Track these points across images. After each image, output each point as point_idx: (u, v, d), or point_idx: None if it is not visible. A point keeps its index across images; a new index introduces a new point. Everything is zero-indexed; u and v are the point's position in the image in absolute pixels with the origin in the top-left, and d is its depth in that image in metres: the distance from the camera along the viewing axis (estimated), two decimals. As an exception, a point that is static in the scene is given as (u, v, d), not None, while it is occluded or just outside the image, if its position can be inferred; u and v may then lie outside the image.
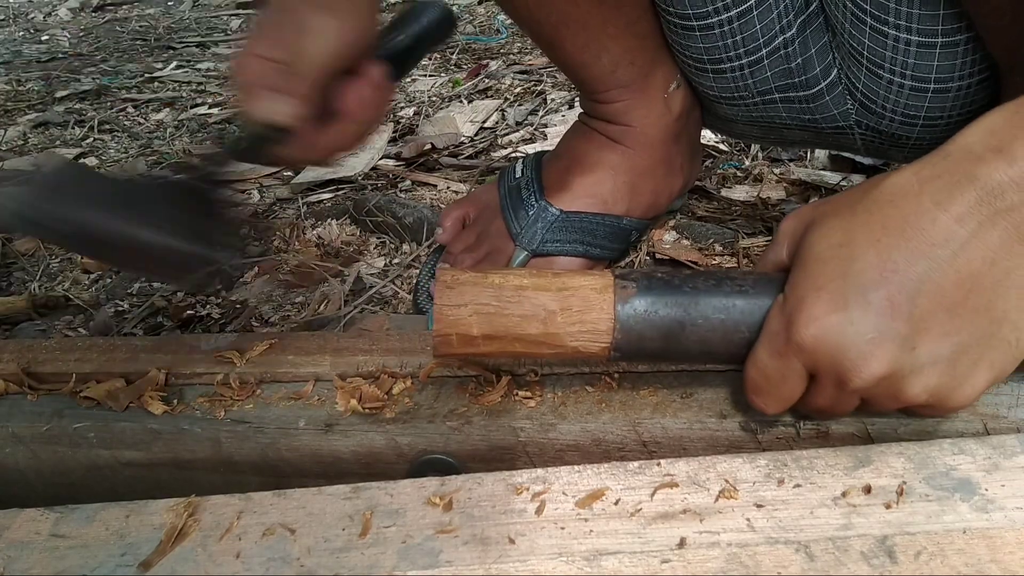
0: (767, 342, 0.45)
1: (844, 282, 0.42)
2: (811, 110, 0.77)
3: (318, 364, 0.59)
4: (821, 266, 0.43)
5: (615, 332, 0.47)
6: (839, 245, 0.43)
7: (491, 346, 0.47)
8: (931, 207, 0.42)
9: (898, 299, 0.41)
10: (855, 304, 0.42)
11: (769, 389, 0.46)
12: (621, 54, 0.77)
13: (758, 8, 0.71)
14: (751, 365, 0.47)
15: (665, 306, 0.47)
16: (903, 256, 0.42)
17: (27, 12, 2.79)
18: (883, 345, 0.42)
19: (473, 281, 0.47)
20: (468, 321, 0.47)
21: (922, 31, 0.64)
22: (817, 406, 0.47)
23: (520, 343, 0.47)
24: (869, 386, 0.43)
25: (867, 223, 0.43)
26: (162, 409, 0.56)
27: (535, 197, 0.84)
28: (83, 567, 0.41)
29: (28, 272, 1.03)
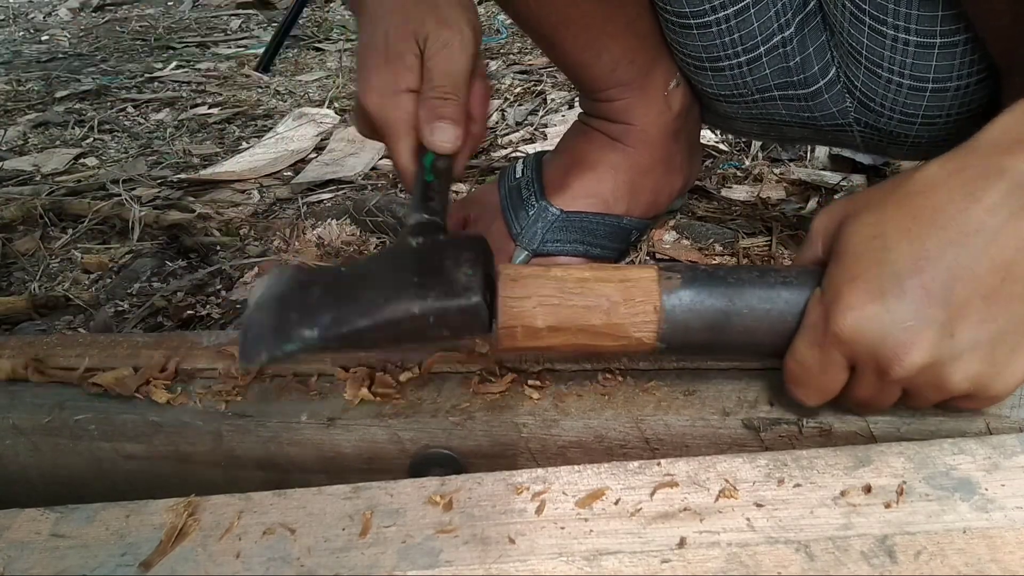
0: (806, 334, 0.46)
1: (879, 272, 0.43)
2: (810, 108, 0.77)
3: (320, 359, 0.59)
4: (855, 258, 0.44)
5: (661, 323, 0.47)
6: (872, 237, 0.44)
7: (555, 338, 0.48)
8: (961, 198, 0.42)
9: (933, 287, 0.42)
10: (891, 293, 0.42)
11: (808, 380, 0.47)
12: (621, 53, 0.77)
13: (755, 7, 0.71)
14: (790, 357, 0.47)
15: (710, 296, 0.47)
16: (936, 245, 0.42)
17: (27, 12, 2.79)
18: (921, 332, 0.42)
19: (536, 275, 0.48)
20: (533, 313, 0.47)
21: (920, 31, 0.64)
22: (859, 398, 0.47)
23: (584, 334, 0.48)
24: (910, 375, 0.43)
25: (898, 215, 0.44)
26: (166, 397, 0.56)
27: (535, 197, 0.84)
28: (83, 567, 0.41)
29: (28, 272, 1.03)
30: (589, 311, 0.47)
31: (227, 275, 0.99)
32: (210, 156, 1.43)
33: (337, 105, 1.65)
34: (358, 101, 0.57)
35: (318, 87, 1.81)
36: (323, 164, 1.32)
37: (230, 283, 0.97)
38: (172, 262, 1.04)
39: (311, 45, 2.18)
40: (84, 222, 1.13)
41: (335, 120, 1.54)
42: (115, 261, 1.04)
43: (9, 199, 1.22)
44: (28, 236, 1.12)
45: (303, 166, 1.33)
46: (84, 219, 1.14)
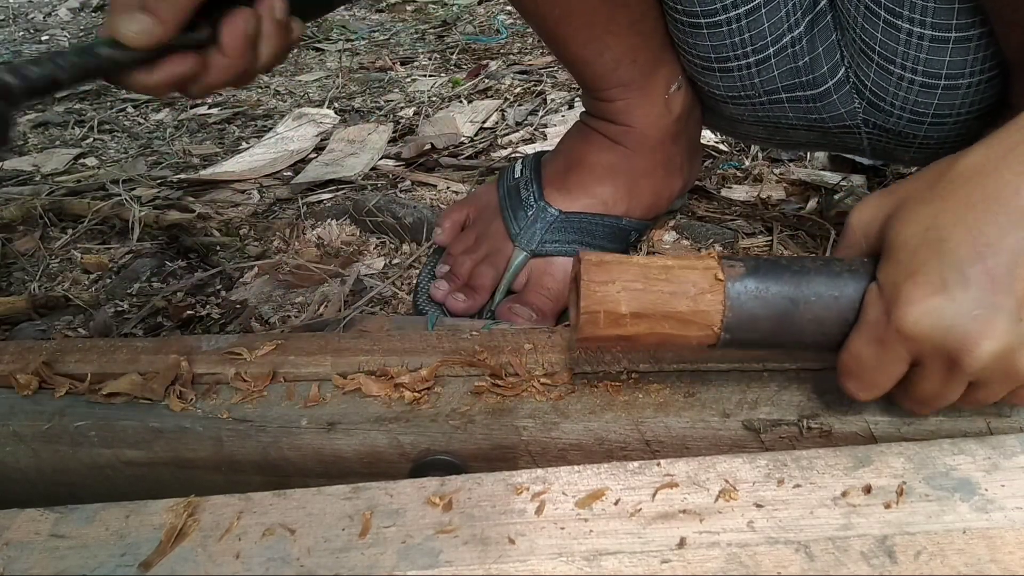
0: (865, 330, 0.45)
1: (939, 263, 0.42)
2: (818, 109, 0.77)
3: (319, 364, 0.59)
4: (911, 252, 0.43)
5: (725, 313, 0.45)
6: (926, 229, 0.43)
7: (639, 326, 0.46)
8: (1012, 179, 0.42)
9: (997, 272, 0.41)
10: (954, 283, 0.41)
11: (865, 376, 0.46)
12: (624, 52, 0.77)
13: (767, 6, 0.71)
14: (846, 352, 0.46)
15: (776, 283, 0.45)
16: (994, 230, 0.41)
17: (27, 12, 2.79)
18: (991, 321, 0.41)
19: (619, 260, 0.46)
20: (616, 298, 0.45)
21: (936, 24, 0.64)
22: (923, 394, 0.46)
23: (668, 322, 0.46)
24: (980, 366, 0.42)
25: (949, 204, 0.43)
26: (181, 406, 0.56)
27: (534, 197, 0.84)
28: (83, 567, 0.41)
29: (28, 272, 1.03)
30: (675, 297, 0.45)
31: (227, 275, 0.99)
32: (210, 156, 1.43)
33: (337, 105, 1.65)
34: None
35: (318, 87, 1.81)
36: (323, 164, 1.32)
37: (230, 283, 0.97)
38: (172, 262, 1.04)
39: (311, 45, 2.18)
40: (84, 222, 1.13)
41: (335, 120, 1.54)
42: (115, 261, 1.04)
43: (9, 199, 1.22)
44: (28, 236, 1.12)
45: (303, 166, 1.33)
46: (84, 219, 1.14)
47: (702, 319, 0.46)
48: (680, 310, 0.45)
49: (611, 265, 0.46)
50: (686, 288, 0.45)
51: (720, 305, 0.45)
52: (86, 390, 0.58)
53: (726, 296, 0.45)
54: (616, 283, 0.45)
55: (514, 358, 0.57)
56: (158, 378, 0.58)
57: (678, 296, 0.45)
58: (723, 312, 0.45)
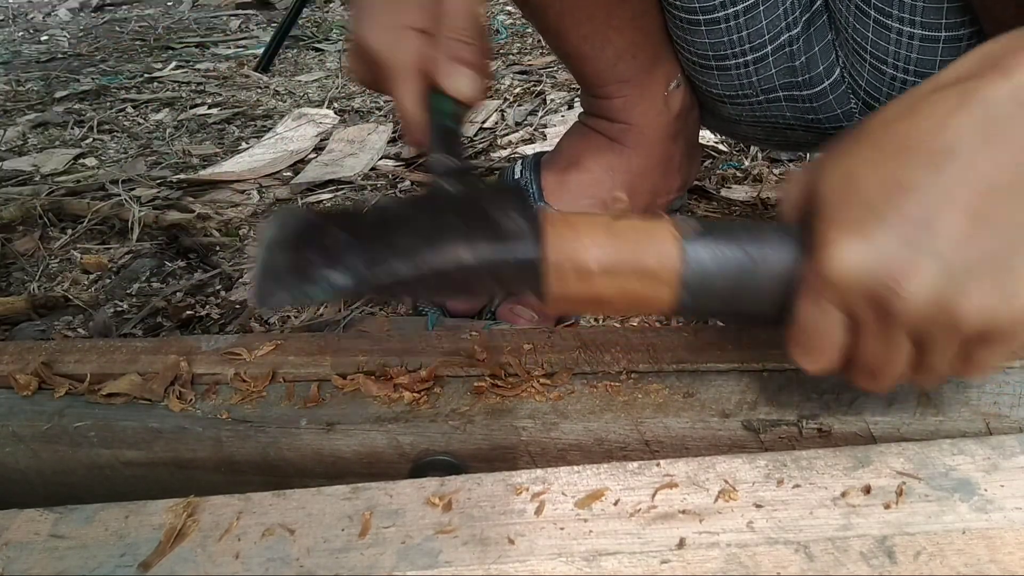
0: (800, 290, 0.43)
1: (855, 207, 0.41)
2: (814, 109, 0.77)
3: (319, 365, 0.59)
4: (829, 202, 0.42)
5: (684, 273, 0.43)
6: (840, 177, 0.42)
7: (609, 283, 0.43)
8: (926, 122, 0.41)
9: (913, 212, 0.39)
10: (871, 225, 0.40)
11: (808, 342, 0.44)
12: (624, 47, 0.77)
13: (764, 4, 0.71)
14: (792, 322, 0.44)
15: (730, 241, 0.44)
16: (908, 170, 0.40)
17: (26, 12, 2.79)
18: (913, 258, 0.39)
19: (583, 216, 0.44)
20: (585, 252, 0.42)
21: (926, 24, 0.64)
22: (866, 354, 0.43)
23: (639, 279, 0.43)
24: (913, 311, 0.40)
25: (864, 153, 0.42)
26: (181, 406, 0.56)
27: (534, 198, 0.84)
28: (82, 567, 0.41)
29: (27, 272, 1.03)
30: (648, 253, 0.43)
31: (226, 275, 0.98)
32: (209, 156, 1.43)
33: (337, 105, 1.65)
34: (356, 41, 0.52)
35: (317, 87, 1.81)
36: (322, 164, 1.32)
37: (229, 283, 0.97)
38: (171, 262, 1.04)
39: (310, 45, 2.18)
40: (83, 222, 1.13)
41: (335, 120, 1.54)
42: (114, 261, 1.04)
43: (8, 199, 1.22)
44: (27, 236, 1.12)
45: (302, 166, 1.33)
46: (83, 219, 1.14)
47: (668, 276, 0.43)
48: (650, 265, 0.43)
49: (575, 218, 0.44)
50: (650, 244, 0.43)
51: (679, 263, 0.43)
52: (85, 390, 0.58)
53: (683, 252, 0.43)
54: (582, 236, 0.43)
55: (514, 358, 0.57)
56: (157, 378, 0.58)
57: (646, 250, 0.43)
58: (681, 270, 0.43)
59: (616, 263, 0.43)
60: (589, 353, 0.57)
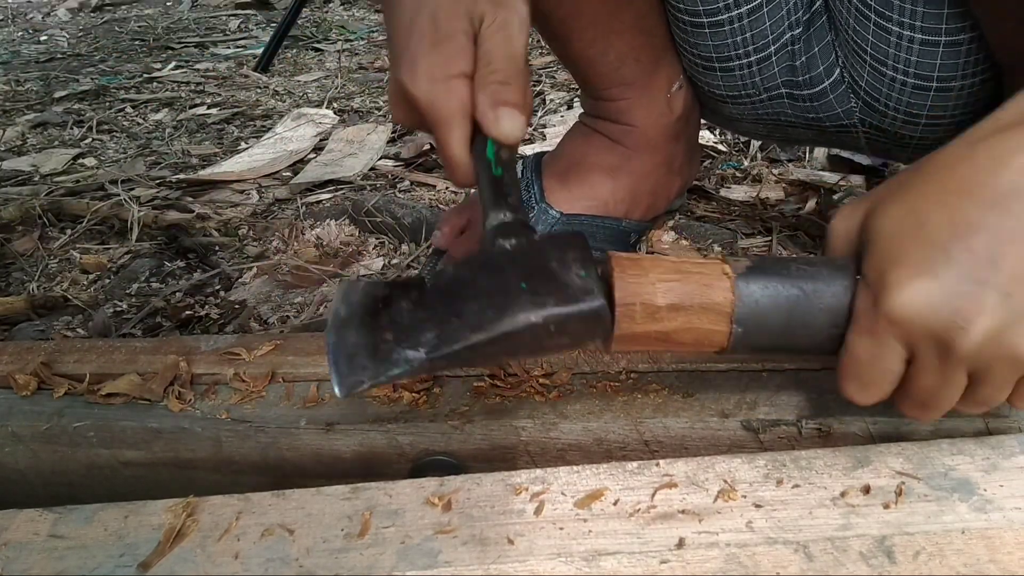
0: (856, 326, 0.44)
1: (921, 245, 0.41)
2: (815, 108, 0.77)
3: (318, 365, 0.58)
4: (892, 240, 0.42)
5: (738, 308, 0.44)
6: (904, 216, 0.42)
7: (675, 320, 0.44)
8: (989, 163, 0.42)
9: (980, 250, 0.40)
10: (938, 263, 0.40)
11: (863, 374, 0.44)
12: (626, 51, 0.78)
13: (768, 6, 0.72)
14: (843, 351, 0.45)
15: (781, 278, 0.44)
16: (973, 210, 0.41)
17: (26, 12, 2.79)
18: (979, 297, 0.40)
19: (650, 256, 0.45)
20: (653, 290, 0.43)
21: (926, 28, 0.64)
22: (922, 390, 0.44)
23: (706, 316, 0.44)
24: (976, 346, 0.40)
25: (926, 191, 0.43)
26: (180, 407, 0.56)
27: (535, 199, 0.84)
28: (82, 567, 0.41)
29: (27, 272, 1.03)
30: (710, 289, 0.44)
31: (226, 275, 0.98)
32: (209, 156, 1.43)
33: (336, 105, 1.65)
34: (400, 87, 0.52)
35: (317, 87, 1.81)
36: (322, 164, 1.32)
37: (229, 283, 0.97)
38: (171, 262, 1.03)
39: (310, 45, 2.18)
40: (83, 222, 1.13)
41: (334, 120, 1.54)
42: (114, 261, 1.04)
43: (8, 199, 1.22)
44: (27, 236, 1.12)
45: (302, 166, 1.33)
46: (83, 219, 1.14)
47: (724, 312, 0.44)
48: (717, 301, 0.44)
49: (644, 260, 0.45)
50: (718, 280, 0.44)
51: (732, 298, 0.44)
52: (85, 390, 0.58)
53: (736, 288, 0.44)
54: (651, 275, 0.44)
55: (513, 358, 0.57)
56: (157, 378, 0.58)
57: (712, 288, 0.44)
58: (735, 305, 0.44)
59: (681, 299, 0.44)
60: (589, 353, 0.57)
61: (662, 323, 0.44)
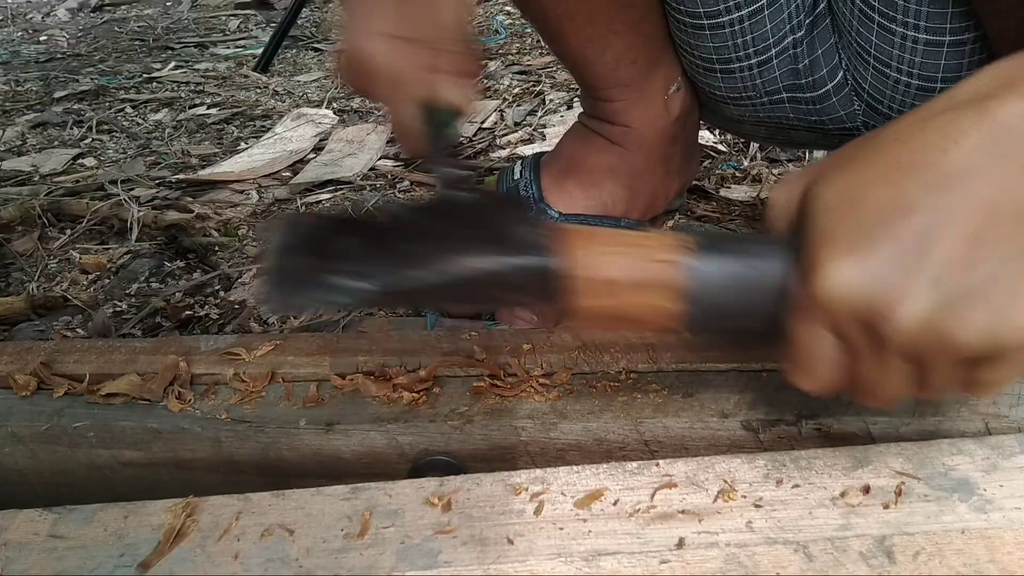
0: (791, 307, 0.42)
1: (855, 223, 0.39)
2: (818, 111, 0.77)
3: (318, 365, 0.58)
4: (827, 214, 0.40)
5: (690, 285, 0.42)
6: (843, 190, 0.40)
7: (623, 296, 0.42)
8: (940, 139, 0.39)
9: (914, 231, 0.38)
10: (868, 245, 0.38)
11: (801, 362, 0.42)
12: (625, 51, 0.78)
13: (769, 8, 0.71)
14: (787, 340, 0.42)
15: (735, 256, 0.43)
16: (915, 188, 0.38)
17: (25, 12, 2.79)
18: (906, 284, 0.38)
19: (598, 229, 0.44)
20: (609, 263, 0.42)
21: (930, 29, 0.64)
22: (862, 376, 0.41)
23: (653, 293, 0.42)
24: (907, 334, 0.38)
25: (871, 165, 0.40)
26: (180, 407, 0.56)
27: (534, 199, 0.84)
28: (81, 568, 0.41)
29: (26, 272, 1.03)
30: (658, 264, 0.42)
31: (226, 275, 0.98)
32: (208, 156, 1.43)
33: (336, 105, 1.65)
34: (352, 47, 0.51)
35: (317, 87, 1.81)
36: (321, 164, 1.32)
37: (229, 283, 0.97)
38: (170, 262, 1.03)
39: (310, 45, 2.18)
40: (82, 222, 1.13)
41: (334, 120, 1.54)
42: (113, 261, 1.04)
43: (7, 199, 1.22)
44: (26, 236, 1.12)
45: (301, 166, 1.33)
46: (82, 219, 1.14)
47: (677, 287, 0.42)
48: (664, 276, 0.42)
49: (598, 233, 0.44)
50: (661, 254, 0.43)
51: (685, 274, 0.42)
52: (84, 391, 0.58)
53: (689, 264, 0.42)
54: (595, 247, 0.42)
55: (513, 358, 0.57)
56: (157, 379, 0.58)
57: (666, 264, 0.42)
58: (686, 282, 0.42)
59: (626, 273, 0.42)
60: (588, 353, 0.57)
61: (605, 298, 0.43)
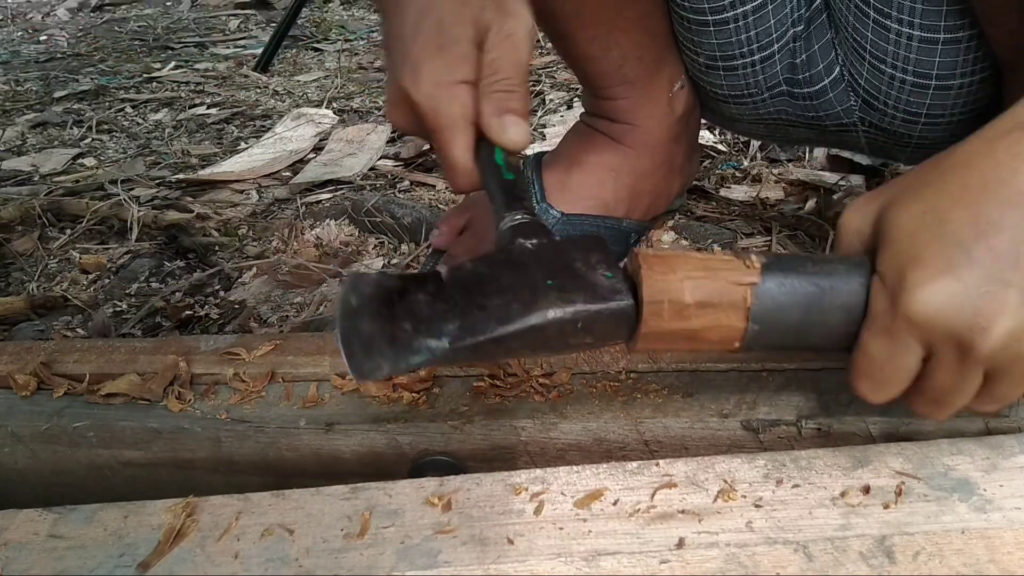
0: (872, 323, 0.43)
1: (941, 244, 0.40)
2: (815, 107, 0.77)
3: (318, 365, 0.58)
4: (911, 237, 0.42)
5: (755, 305, 0.43)
6: (923, 213, 0.42)
7: (703, 318, 0.43)
8: (1009, 160, 0.41)
9: (1002, 249, 0.40)
10: (959, 262, 0.40)
11: (877, 373, 0.43)
12: (630, 49, 0.78)
13: (772, 3, 0.72)
14: (856, 351, 0.44)
15: (799, 275, 0.44)
16: (994, 208, 0.40)
17: (25, 12, 2.78)
18: (1001, 297, 0.39)
19: (674, 252, 0.45)
20: (680, 287, 0.42)
21: (925, 26, 0.64)
22: (937, 389, 0.43)
23: (732, 313, 0.43)
24: (996, 348, 0.40)
25: (946, 188, 0.42)
26: (180, 407, 0.56)
27: (536, 199, 0.84)
28: (81, 568, 0.41)
29: (26, 272, 1.03)
30: (735, 286, 0.43)
31: (226, 275, 0.98)
32: (208, 156, 1.43)
33: (336, 105, 1.65)
34: (401, 92, 0.51)
35: (317, 87, 1.81)
36: (321, 164, 1.32)
37: (229, 283, 0.97)
38: (170, 262, 1.03)
39: (309, 45, 2.18)
40: (82, 222, 1.13)
41: (334, 120, 1.54)
42: (113, 261, 1.04)
43: (7, 199, 1.21)
44: (26, 236, 1.12)
45: (301, 166, 1.33)
46: (82, 219, 1.14)
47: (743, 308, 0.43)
48: (737, 297, 0.43)
49: (669, 256, 0.44)
50: (729, 276, 0.43)
51: (750, 295, 0.43)
52: (84, 391, 0.58)
53: (755, 285, 0.43)
54: (679, 272, 0.43)
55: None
56: (156, 379, 0.58)
57: (736, 287, 0.43)
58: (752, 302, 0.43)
59: (708, 296, 0.43)
60: (589, 353, 0.57)
61: (689, 321, 0.43)
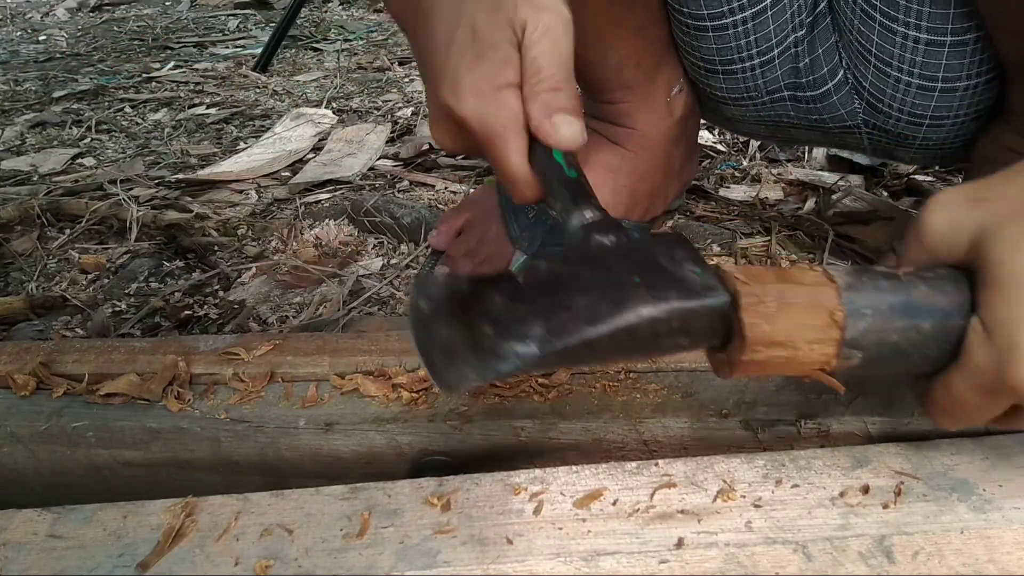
0: (969, 375, 0.39)
1: None
2: (818, 110, 0.77)
3: (317, 365, 0.58)
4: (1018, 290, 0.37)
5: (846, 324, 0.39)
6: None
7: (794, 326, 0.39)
8: None
9: None
10: None
11: (959, 416, 0.41)
12: (628, 54, 0.78)
13: (772, 8, 0.72)
14: (944, 391, 0.41)
15: (892, 292, 0.40)
16: None
17: (25, 12, 2.78)
18: None
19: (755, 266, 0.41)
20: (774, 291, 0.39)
21: (931, 29, 0.64)
22: (1014, 425, 0.41)
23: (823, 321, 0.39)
24: None
25: None
26: (179, 407, 0.56)
27: (535, 199, 0.84)
28: (80, 568, 0.41)
29: (25, 272, 1.03)
30: (819, 294, 0.39)
31: (225, 275, 0.98)
32: (208, 156, 1.43)
33: (335, 105, 1.65)
34: (443, 109, 0.48)
35: (316, 87, 1.81)
36: (321, 164, 1.32)
37: (228, 283, 0.97)
38: (170, 262, 1.03)
39: (309, 45, 2.18)
40: (81, 222, 1.13)
41: (333, 120, 1.54)
42: (112, 261, 1.04)
43: (6, 199, 1.21)
44: (25, 236, 1.11)
45: (301, 166, 1.33)
46: (81, 219, 1.14)
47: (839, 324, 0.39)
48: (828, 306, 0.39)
49: (753, 268, 0.41)
50: (819, 287, 0.40)
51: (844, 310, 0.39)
52: (84, 390, 0.58)
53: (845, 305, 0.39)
54: (769, 282, 0.39)
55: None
56: (156, 378, 0.58)
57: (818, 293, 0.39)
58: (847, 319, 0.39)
59: (801, 297, 0.39)
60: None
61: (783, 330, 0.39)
